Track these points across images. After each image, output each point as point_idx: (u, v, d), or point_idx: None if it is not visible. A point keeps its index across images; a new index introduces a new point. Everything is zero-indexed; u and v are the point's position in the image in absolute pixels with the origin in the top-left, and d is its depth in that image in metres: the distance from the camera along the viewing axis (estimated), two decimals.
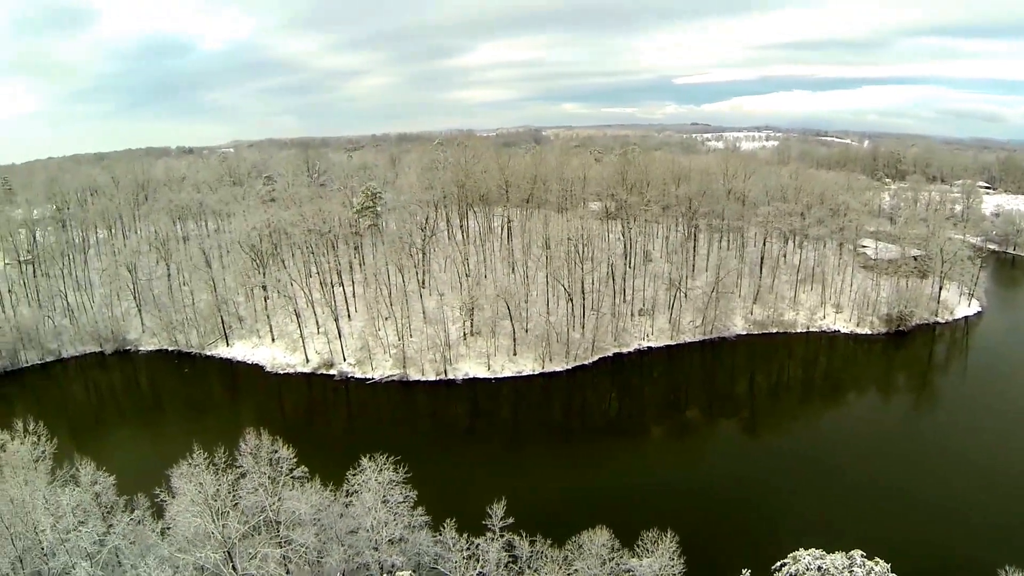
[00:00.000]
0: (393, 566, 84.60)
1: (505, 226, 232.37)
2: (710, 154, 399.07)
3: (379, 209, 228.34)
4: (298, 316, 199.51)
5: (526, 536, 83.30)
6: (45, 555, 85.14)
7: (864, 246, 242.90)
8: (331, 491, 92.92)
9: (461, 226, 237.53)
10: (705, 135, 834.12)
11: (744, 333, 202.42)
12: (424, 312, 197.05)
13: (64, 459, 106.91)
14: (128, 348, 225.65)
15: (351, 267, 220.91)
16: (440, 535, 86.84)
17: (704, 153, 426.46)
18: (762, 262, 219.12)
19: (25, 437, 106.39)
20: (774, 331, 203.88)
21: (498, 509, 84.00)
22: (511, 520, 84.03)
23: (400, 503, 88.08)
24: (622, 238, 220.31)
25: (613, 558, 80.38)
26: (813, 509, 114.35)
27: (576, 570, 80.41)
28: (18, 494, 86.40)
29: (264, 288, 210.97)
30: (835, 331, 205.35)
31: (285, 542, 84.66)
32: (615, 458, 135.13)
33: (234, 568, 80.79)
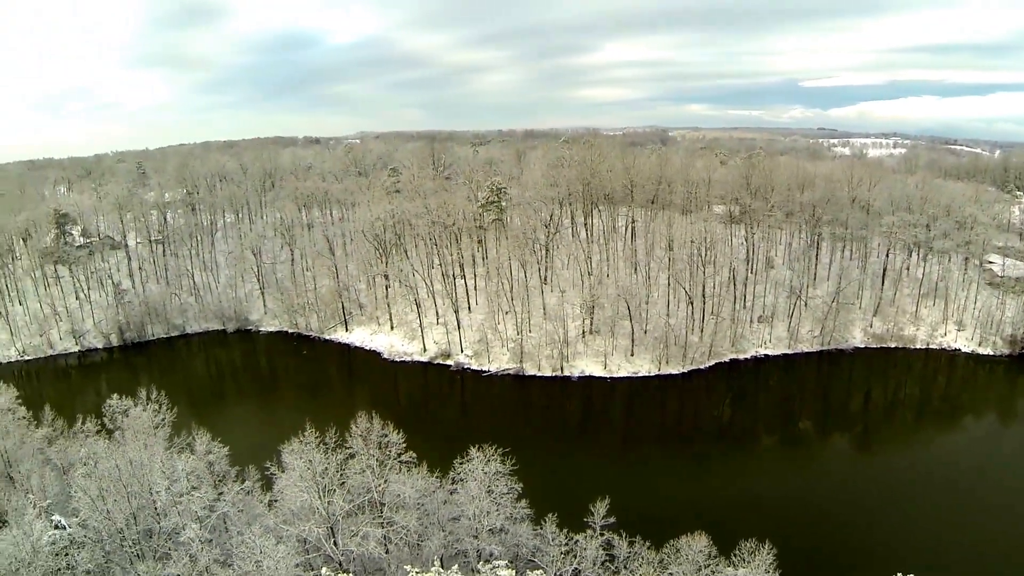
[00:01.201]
0: (491, 555, 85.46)
1: (629, 226, 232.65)
2: (836, 160, 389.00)
3: (504, 204, 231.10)
4: (418, 306, 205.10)
5: (625, 536, 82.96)
6: (158, 514, 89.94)
7: (991, 262, 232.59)
8: (437, 477, 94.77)
9: (585, 224, 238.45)
10: (831, 140, 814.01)
11: (862, 346, 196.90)
12: (544, 308, 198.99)
13: (182, 428, 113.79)
14: (249, 328, 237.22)
15: (474, 260, 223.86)
16: (540, 528, 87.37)
17: (830, 159, 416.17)
18: (884, 274, 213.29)
19: (147, 405, 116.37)
20: (893, 346, 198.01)
21: (600, 507, 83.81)
22: (612, 519, 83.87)
23: (504, 494, 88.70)
24: (745, 243, 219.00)
25: (709, 565, 79.80)
26: (921, 534, 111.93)
27: (671, 574, 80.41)
28: (137, 456, 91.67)
29: (386, 277, 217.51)
30: (956, 350, 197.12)
31: (387, 523, 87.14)
32: (723, 464, 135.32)
33: (335, 544, 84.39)
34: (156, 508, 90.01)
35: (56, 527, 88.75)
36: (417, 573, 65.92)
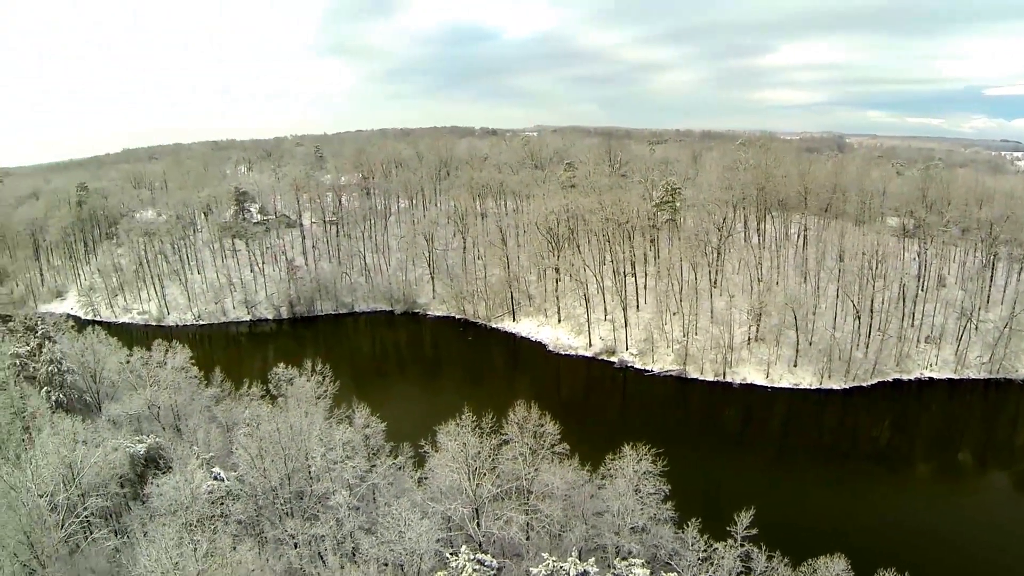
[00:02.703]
0: (629, 553, 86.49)
1: (801, 234, 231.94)
2: (1019, 175, 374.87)
3: (678, 205, 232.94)
4: (587, 301, 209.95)
5: (765, 550, 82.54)
6: (311, 478, 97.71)
7: None
8: (587, 471, 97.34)
9: (758, 229, 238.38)
10: (1015, 153, 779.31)
11: None
12: (712, 312, 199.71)
13: (343, 400, 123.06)
14: (417, 311, 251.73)
15: (645, 259, 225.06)
16: (681, 532, 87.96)
17: (1012, 174, 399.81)
18: None
19: (311, 375, 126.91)
20: None
21: (744, 517, 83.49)
22: (754, 531, 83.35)
23: (651, 494, 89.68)
24: (917, 258, 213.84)
25: None
26: None
27: None
28: (297, 422, 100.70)
29: (556, 270, 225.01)
30: None
31: (532, 511, 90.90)
32: (874, 488, 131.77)
33: (478, 525, 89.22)
34: (310, 472, 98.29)
35: (215, 478, 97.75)
36: (554, 562, 71.03)
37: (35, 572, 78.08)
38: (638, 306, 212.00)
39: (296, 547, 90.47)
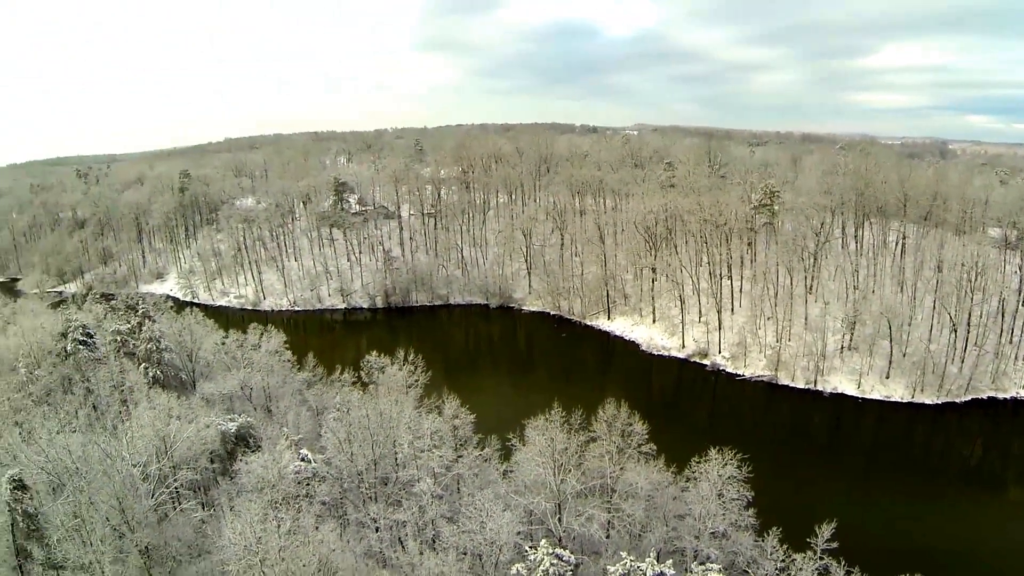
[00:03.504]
0: (708, 558, 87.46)
1: (899, 242, 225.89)
2: None
3: (776, 208, 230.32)
4: (682, 302, 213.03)
5: (844, 565, 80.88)
6: (397, 465, 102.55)
7: None
8: (672, 472, 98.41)
9: (856, 236, 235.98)
10: None
11: None
12: (806, 318, 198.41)
13: (433, 391, 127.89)
14: (512, 305, 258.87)
15: (742, 262, 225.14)
16: (761, 541, 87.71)
17: None
18: None
19: (403, 365, 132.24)
20: None
21: (825, 530, 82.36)
22: (835, 544, 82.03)
23: (733, 499, 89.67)
24: (1019, 271, 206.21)
25: None
26: None
27: None
28: (387, 410, 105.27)
29: (653, 270, 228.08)
30: None
31: (614, 509, 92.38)
32: (960, 509, 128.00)
33: (560, 520, 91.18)
34: (396, 459, 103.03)
35: (302, 460, 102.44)
36: (632, 561, 71.03)
37: (124, 536, 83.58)
38: (732, 309, 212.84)
39: (377, 531, 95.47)
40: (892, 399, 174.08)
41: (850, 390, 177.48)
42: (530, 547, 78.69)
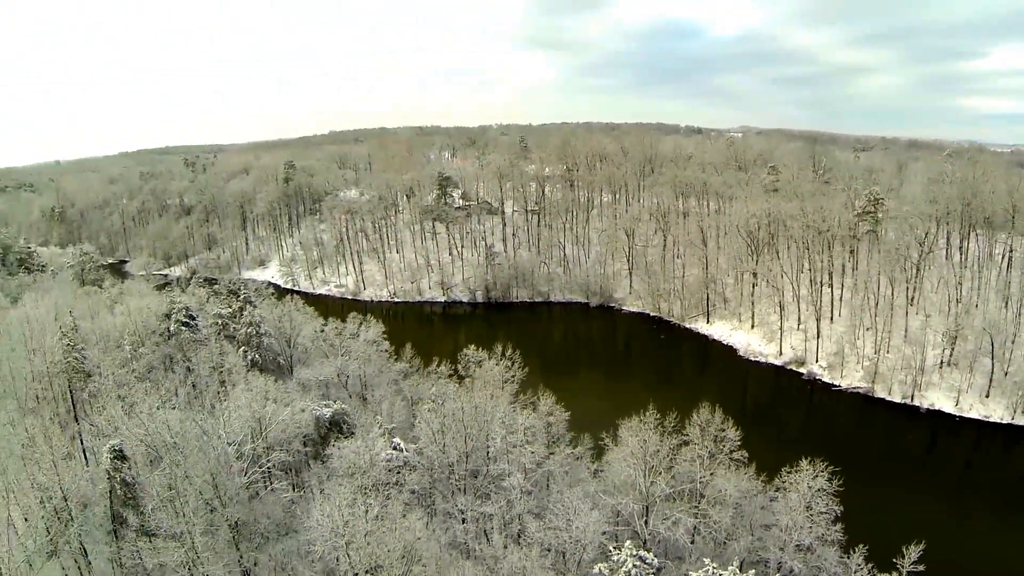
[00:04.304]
0: (791, 571, 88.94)
1: (1006, 255, 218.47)
2: None
3: (879, 216, 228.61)
4: (782, 309, 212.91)
5: None
6: (488, 459, 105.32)
7: None
8: (762, 481, 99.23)
9: (960, 247, 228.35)
10: None
11: None
12: (906, 330, 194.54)
13: (529, 387, 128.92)
14: (612, 305, 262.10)
15: (843, 270, 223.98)
16: (847, 557, 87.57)
17: None
18: None
19: (500, 360, 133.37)
20: None
21: (912, 551, 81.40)
22: (921, 567, 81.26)
23: (821, 513, 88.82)
24: None
25: None
26: None
27: None
28: (482, 404, 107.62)
29: (754, 275, 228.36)
30: None
31: (701, 515, 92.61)
32: None
33: (646, 522, 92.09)
34: (488, 453, 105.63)
35: (394, 448, 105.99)
36: (715, 569, 71.59)
37: (215, 510, 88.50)
38: (832, 318, 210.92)
39: (464, 522, 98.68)
40: (991, 419, 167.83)
41: (947, 407, 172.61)
42: (614, 547, 79.44)
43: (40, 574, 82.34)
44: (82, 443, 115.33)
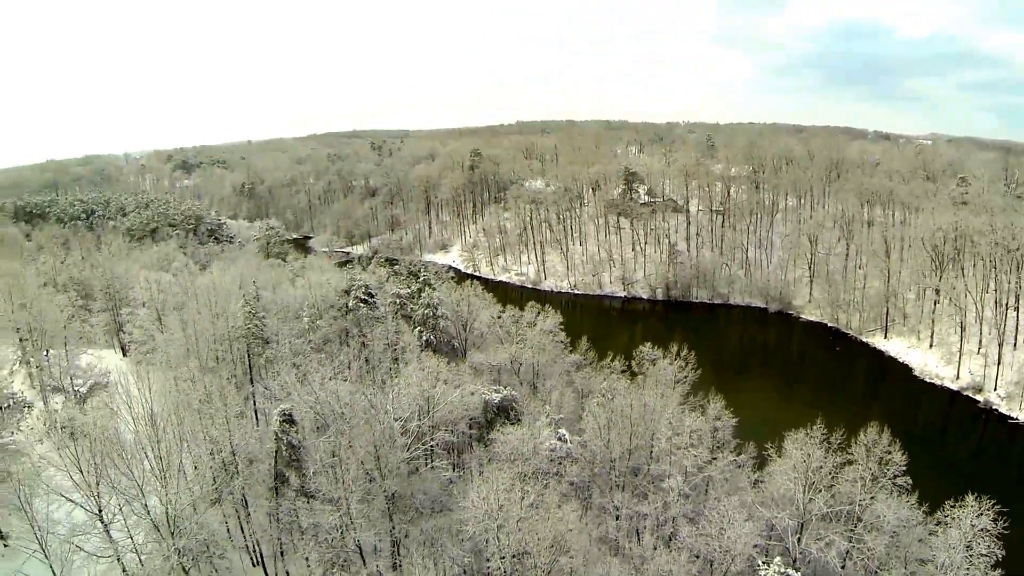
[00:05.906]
0: None
1: None
2: None
3: None
4: (963, 330, 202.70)
5: None
6: (651, 458, 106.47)
7: None
8: (923, 511, 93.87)
9: None
10: None
11: None
12: None
13: (700, 389, 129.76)
14: (790, 312, 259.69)
15: None
16: None
17: None
18: None
19: (674, 360, 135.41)
20: None
21: None
22: None
23: (982, 555, 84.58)
24: None
25: None
26: None
27: None
28: (652, 403, 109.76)
29: (936, 292, 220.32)
30: None
31: (856, 539, 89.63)
32: None
33: (799, 540, 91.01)
34: (651, 452, 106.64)
35: (559, 439, 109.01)
36: None
37: (374, 480, 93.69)
38: (1015, 343, 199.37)
39: (617, 519, 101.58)
40: None
41: None
42: (763, 562, 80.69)
43: (202, 517, 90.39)
44: (254, 404, 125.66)
